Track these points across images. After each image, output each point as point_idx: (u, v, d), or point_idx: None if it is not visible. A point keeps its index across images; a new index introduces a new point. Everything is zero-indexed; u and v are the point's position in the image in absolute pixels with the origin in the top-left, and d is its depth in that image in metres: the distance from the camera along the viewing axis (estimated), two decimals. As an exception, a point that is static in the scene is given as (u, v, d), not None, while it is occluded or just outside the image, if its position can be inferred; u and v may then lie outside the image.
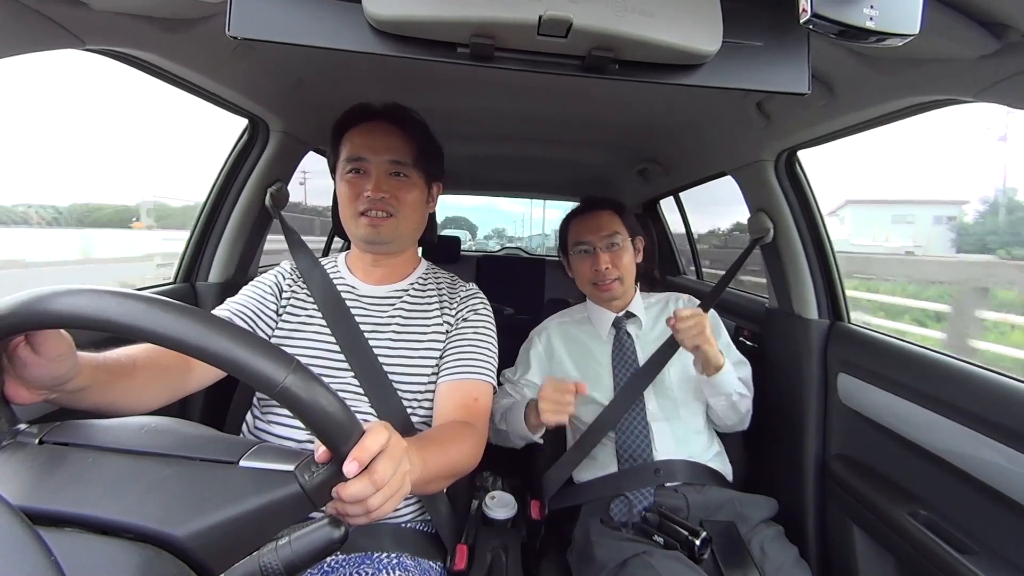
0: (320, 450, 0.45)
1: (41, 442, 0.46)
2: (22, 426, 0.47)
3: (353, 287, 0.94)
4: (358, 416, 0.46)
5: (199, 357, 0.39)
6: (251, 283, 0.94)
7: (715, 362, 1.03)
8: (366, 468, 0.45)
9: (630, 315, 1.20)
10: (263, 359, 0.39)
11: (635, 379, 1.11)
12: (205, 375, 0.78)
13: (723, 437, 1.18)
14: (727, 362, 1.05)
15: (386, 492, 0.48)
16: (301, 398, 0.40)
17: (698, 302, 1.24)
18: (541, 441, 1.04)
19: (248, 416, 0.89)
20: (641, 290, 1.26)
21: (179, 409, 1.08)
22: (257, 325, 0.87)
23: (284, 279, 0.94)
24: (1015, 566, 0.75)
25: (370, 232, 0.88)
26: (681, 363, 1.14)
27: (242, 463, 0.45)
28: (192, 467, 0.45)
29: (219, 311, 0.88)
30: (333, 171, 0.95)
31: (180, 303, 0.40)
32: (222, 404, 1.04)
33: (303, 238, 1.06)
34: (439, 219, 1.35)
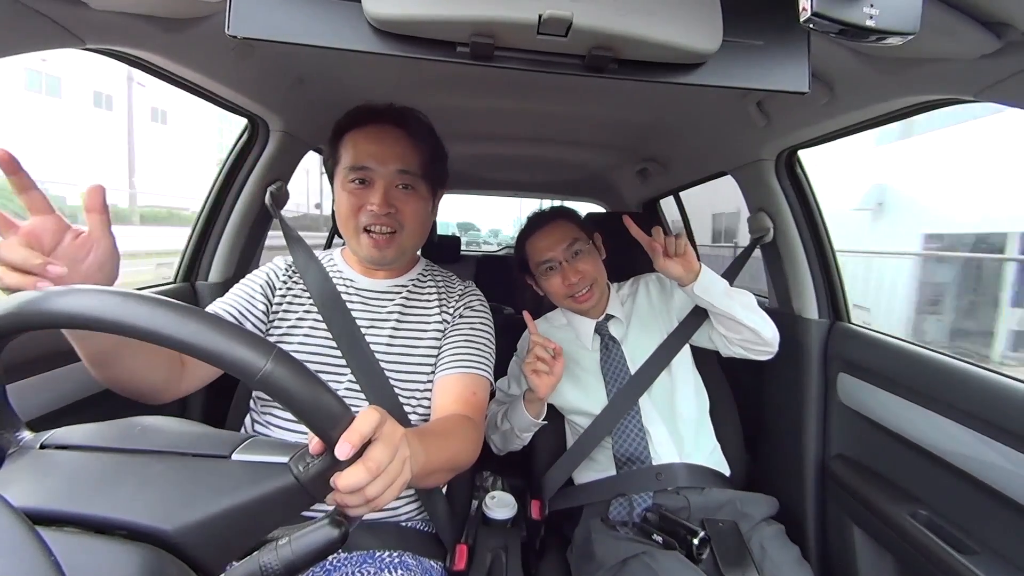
0: (314, 441, 0.44)
1: (42, 447, 0.46)
2: (25, 434, 0.48)
3: (351, 280, 0.92)
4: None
5: (178, 349, 0.38)
6: (240, 281, 0.91)
7: (692, 267, 0.97)
8: (361, 456, 0.44)
9: (609, 317, 1.18)
10: (242, 347, 0.39)
11: (628, 387, 1.10)
12: (200, 367, 0.76)
13: (721, 437, 1.17)
14: (700, 265, 0.99)
15: (385, 479, 0.46)
16: (284, 385, 0.39)
17: (668, 281, 1.23)
18: (545, 422, 1.02)
19: (248, 417, 0.89)
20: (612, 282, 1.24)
21: (179, 410, 1.08)
22: (244, 325, 0.84)
23: (278, 276, 0.92)
24: (1015, 566, 0.75)
25: (373, 254, 0.86)
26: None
27: (235, 456, 0.45)
28: (185, 462, 0.44)
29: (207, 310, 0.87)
30: (331, 174, 0.91)
31: (157, 296, 0.39)
32: (222, 405, 1.04)
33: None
34: (450, 224, 1.35)
